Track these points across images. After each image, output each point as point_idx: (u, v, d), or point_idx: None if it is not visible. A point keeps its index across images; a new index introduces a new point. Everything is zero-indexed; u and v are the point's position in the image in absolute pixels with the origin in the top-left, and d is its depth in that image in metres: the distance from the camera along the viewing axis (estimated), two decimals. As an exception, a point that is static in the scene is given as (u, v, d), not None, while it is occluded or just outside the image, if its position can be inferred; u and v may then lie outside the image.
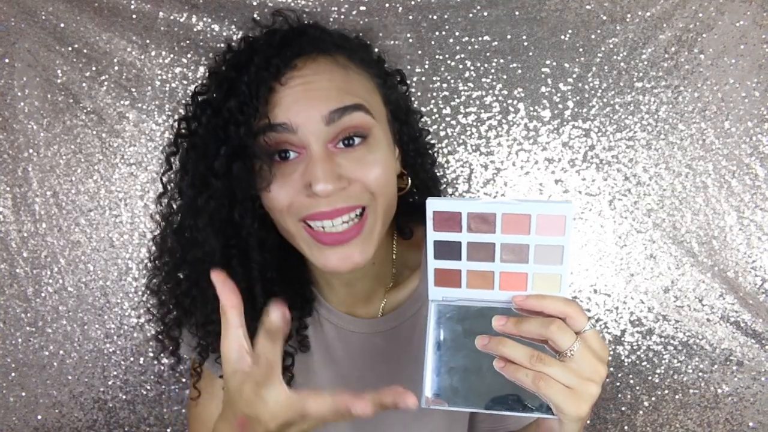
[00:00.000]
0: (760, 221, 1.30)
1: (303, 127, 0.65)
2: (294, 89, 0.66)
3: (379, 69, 0.78)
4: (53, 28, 1.29)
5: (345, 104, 0.66)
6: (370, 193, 0.68)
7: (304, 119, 0.65)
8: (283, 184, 0.67)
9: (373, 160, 0.68)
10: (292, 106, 0.65)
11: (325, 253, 0.68)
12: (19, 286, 1.33)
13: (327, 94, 0.66)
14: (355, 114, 0.66)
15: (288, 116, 0.65)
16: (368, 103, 0.69)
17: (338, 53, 0.72)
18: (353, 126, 0.66)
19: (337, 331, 0.84)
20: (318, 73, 0.68)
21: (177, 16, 1.29)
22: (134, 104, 1.31)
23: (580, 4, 1.29)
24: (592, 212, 1.33)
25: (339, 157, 0.67)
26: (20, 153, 1.31)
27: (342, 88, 0.67)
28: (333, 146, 0.67)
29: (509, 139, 1.32)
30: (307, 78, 0.67)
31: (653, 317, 1.33)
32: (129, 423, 1.36)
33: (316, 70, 0.68)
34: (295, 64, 0.68)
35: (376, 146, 0.69)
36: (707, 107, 1.29)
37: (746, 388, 1.32)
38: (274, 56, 0.68)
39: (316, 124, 0.65)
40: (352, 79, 0.70)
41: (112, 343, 1.35)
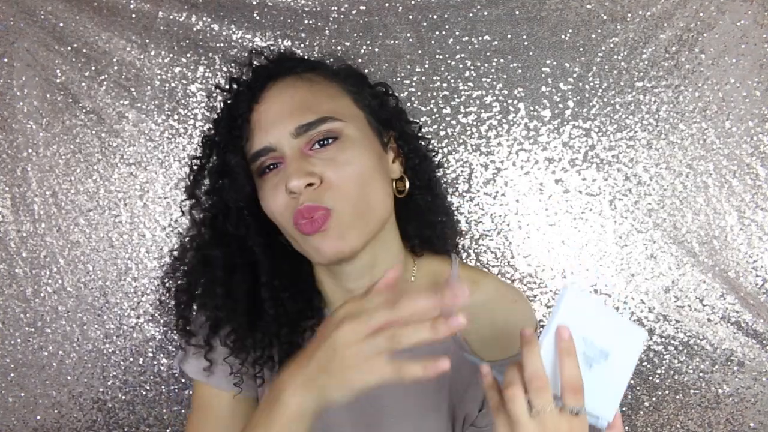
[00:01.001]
0: (761, 221, 1.30)
1: (278, 144, 0.75)
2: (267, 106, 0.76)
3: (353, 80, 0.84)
4: (52, 27, 1.29)
5: (308, 120, 0.74)
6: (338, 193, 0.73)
7: (278, 138, 0.74)
8: (273, 193, 0.75)
9: (344, 160, 0.74)
10: (267, 128, 0.75)
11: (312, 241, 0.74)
12: (18, 286, 1.33)
13: (291, 110, 0.74)
14: (320, 127, 0.74)
15: (267, 140, 0.75)
16: (333, 110, 0.76)
17: (305, 71, 0.81)
18: (320, 134, 0.75)
19: None
20: (284, 90, 0.77)
21: (176, 16, 1.29)
22: (134, 104, 1.31)
23: (580, 4, 1.28)
24: (593, 212, 1.33)
25: (313, 158, 0.74)
26: (19, 153, 1.31)
27: (305, 102, 0.75)
28: (308, 149, 0.75)
29: (509, 138, 1.32)
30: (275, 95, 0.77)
31: (654, 317, 1.33)
32: (128, 423, 1.36)
33: (282, 87, 0.78)
34: (267, 86, 0.78)
35: (349, 145, 0.75)
36: (708, 107, 1.29)
37: (747, 388, 1.32)
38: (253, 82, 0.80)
39: (287, 139, 0.74)
40: (314, 91, 0.78)
41: (112, 344, 1.35)
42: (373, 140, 0.80)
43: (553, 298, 1.35)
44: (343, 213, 0.73)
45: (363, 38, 1.30)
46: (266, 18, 1.29)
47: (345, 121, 0.76)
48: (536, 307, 1.35)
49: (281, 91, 0.77)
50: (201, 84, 1.31)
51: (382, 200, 0.78)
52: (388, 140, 0.85)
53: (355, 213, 0.74)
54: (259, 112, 0.76)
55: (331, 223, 0.73)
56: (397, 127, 0.86)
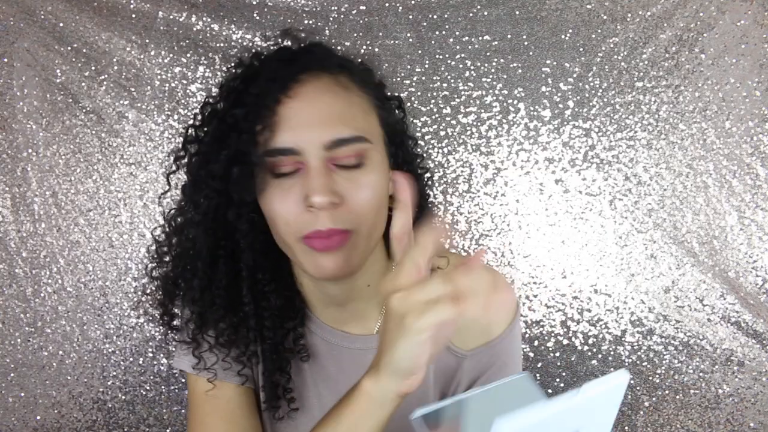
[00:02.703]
0: (761, 221, 1.30)
1: (306, 151, 0.69)
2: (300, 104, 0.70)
3: (378, 92, 0.80)
4: (52, 27, 1.29)
5: (344, 136, 0.69)
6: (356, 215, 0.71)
7: (307, 144, 0.69)
8: (283, 197, 0.70)
9: (366, 183, 0.71)
10: (297, 129, 0.69)
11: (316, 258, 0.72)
12: (18, 287, 1.33)
13: (328, 119, 0.70)
14: (353, 145, 0.70)
15: (294, 141, 0.69)
16: (365, 129, 0.73)
17: (341, 73, 0.75)
18: (351, 154, 0.71)
19: (329, 346, 0.85)
20: (321, 93, 0.71)
21: (176, 16, 1.29)
22: (133, 104, 1.31)
23: (580, 4, 1.28)
24: (593, 212, 1.33)
25: (336, 175, 0.70)
26: (19, 153, 1.31)
27: (343, 115, 0.71)
28: (332, 163, 0.70)
29: (509, 138, 1.32)
30: (311, 96, 0.71)
31: (654, 317, 1.33)
32: (128, 423, 1.36)
33: (319, 87, 0.72)
34: (300, 78, 0.71)
35: (371, 169, 0.72)
36: (708, 107, 1.29)
37: (747, 388, 1.32)
38: (281, 69, 0.72)
39: (317, 149, 0.69)
40: (352, 103, 0.73)
41: (112, 344, 1.35)
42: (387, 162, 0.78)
43: (553, 297, 1.35)
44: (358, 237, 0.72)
45: (363, 38, 1.30)
46: (266, 18, 1.29)
47: (372, 143, 0.73)
48: (536, 307, 1.35)
49: (319, 93, 0.71)
50: (201, 84, 1.31)
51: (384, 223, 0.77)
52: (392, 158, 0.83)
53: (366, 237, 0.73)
54: (291, 108, 0.69)
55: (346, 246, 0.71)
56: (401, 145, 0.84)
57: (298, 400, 0.85)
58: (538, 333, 1.35)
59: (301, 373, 0.86)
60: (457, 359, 0.83)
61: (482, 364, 0.83)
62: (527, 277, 1.34)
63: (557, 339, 1.35)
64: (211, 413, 0.85)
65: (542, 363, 1.35)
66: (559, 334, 1.35)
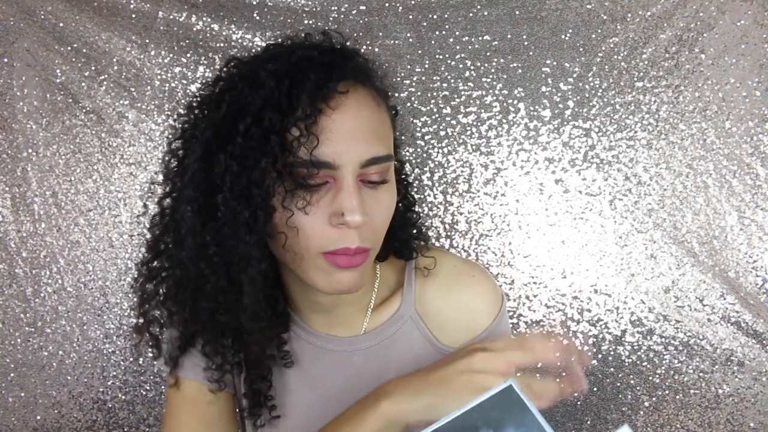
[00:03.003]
0: (761, 221, 1.30)
1: (343, 166, 0.66)
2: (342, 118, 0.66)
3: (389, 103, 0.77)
4: (52, 27, 1.29)
5: (380, 155, 0.68)
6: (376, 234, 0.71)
7: (346, 160, 0.66)
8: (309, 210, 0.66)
9: (386, 202, 0.71)
10: (337, 144, 0.65)
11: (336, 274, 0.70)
12: (18, 286, 1.33)
13: (367, 136, 0.67)
14: (383, 164, 0.69)
15: (334, 155, 0.65)
16: (391, 146, 0.72)
17: (372, 86, 0.73)
18: (381, 172, 0.70)
19: (314, 350, 0.84)
20: (361, 107, 0.69)
21: (176, 16, 1.29)
22: (133, 104, 1.31)
23: (580, 4, 1.28)
24: (593, 212, 1.33)
25: (364, 192, 0.68)
26: (19, 153, 1.31)
27: (378, 132, 0.69)
28: (360, 181, 0.68)
29: (509, 138, 1.32)
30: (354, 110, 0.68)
31: (654, 317, 1.33)
32: (128, 423, 1.36)
33: (359, 101, 0.69)
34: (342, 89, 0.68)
35: (390, 187, 0.72)
36: (708, 107, 1.29)
37: (747, 388, 1.32)
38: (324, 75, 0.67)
39: (354, 166, 0.66)
40: (383, 119, 0.72)
41: (112, 344, 1.35)
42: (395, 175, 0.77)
43: (553, 297, 1.35)
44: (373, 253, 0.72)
45: (363, 38, 1.30)
46: (266, 18, 1.29)
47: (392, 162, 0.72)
48: (536, 307, 1.35)
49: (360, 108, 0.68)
50: (201, 84, 1.31)
51: None
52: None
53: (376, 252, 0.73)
54: (333, 120, 0.65)
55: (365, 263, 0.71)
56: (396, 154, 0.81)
57: (281, 407, 0.84)
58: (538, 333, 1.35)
59: (285, 378, 0.85)
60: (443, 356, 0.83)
61: None
62: (527, 277, 1.34)
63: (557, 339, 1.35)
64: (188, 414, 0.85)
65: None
66: (559, 334, 1.35)
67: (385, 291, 0.86)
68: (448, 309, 0.84)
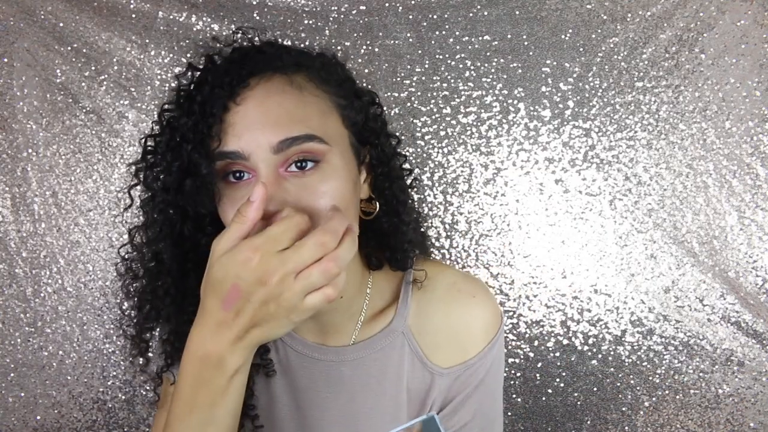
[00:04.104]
0: (761, 221, 1.30)
1: (254, 155, 0.64)
2: (247, 109, 0.66)
3: (344, 89, 0.75)
4: (52, 27, 1.29)
5: (294, 135, 0.64)
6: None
7: (254, 147, 0.64)
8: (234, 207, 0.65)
9: (324, 190, 0.66)
10: (243, 133, 0.65)
11: None
12: (18, 286, 1.33)
13: (276, 121, 0.65)
14: (304, 144, 0.65)
15: (239, 144, 0.65)
16: (321, 129, 0.67)
17: (295, 73, 0.70)
18: (303, 152, 0.66)
19: (300, 358, 0.83)
20: (270, 95, 0.67)
21: (176, 16, 1.29)
22: (133, 104, 1.31)
23: (580, 4, 1.28)
24: (593, 212, 1.33)
25: (288, 182, 0.65)
26: (19, 153, 1.31)
27: (293, 114, 0.66)
28: (284, 170, 0.66)
29: (509, 138, 1.32)
30: (259, 99, 0.66)
31: (654, 317, 1.33)
32: (128, 423, 1.36)
33: (269, 90, 0.67)
34: (248, 83, 0.67)
35: (329, 173, 0.67)
36: (708, 107, 1.29)
37: (747, 388, 1.32)
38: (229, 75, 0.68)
39: (264, 152, 0.64)
40: (305, 102, 0.68)
41: (112, 344, 1.35)
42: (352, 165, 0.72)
43: (553, 297, 1.35)
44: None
45: (363, 38, 1.30)
46: (266, 18, 1.29)
47: (330, 145, 0.67)
48: (536, 307, 1.35)
49: (267, 95, 0.66)
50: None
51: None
52: (364, 158, 0.77)
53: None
54: (237, 114, 0.65)
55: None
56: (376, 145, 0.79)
57: (266, 417, 0.83)
58: (538, 333, 1.35)
59: (269, 387, 0.84)
60: (432, 376, 0.80)
61: (459, 383, 0.81)
62: (527, 277, 1.34)
63: (557, 339, 1.35)
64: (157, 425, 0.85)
65: (542, 363, 1.35)
66: (559, 334, 1.35)
67: (378, 302, 0.84)
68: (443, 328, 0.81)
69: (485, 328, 0.81)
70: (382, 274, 0.85)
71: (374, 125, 0.78)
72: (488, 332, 0.81)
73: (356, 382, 0.81)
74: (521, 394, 1.37)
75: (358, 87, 0.78)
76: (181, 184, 0.68)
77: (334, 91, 0.72)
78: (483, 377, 0.81)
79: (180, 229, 0.71)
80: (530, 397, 1.37)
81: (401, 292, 0.83)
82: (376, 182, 0.79)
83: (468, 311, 0.81)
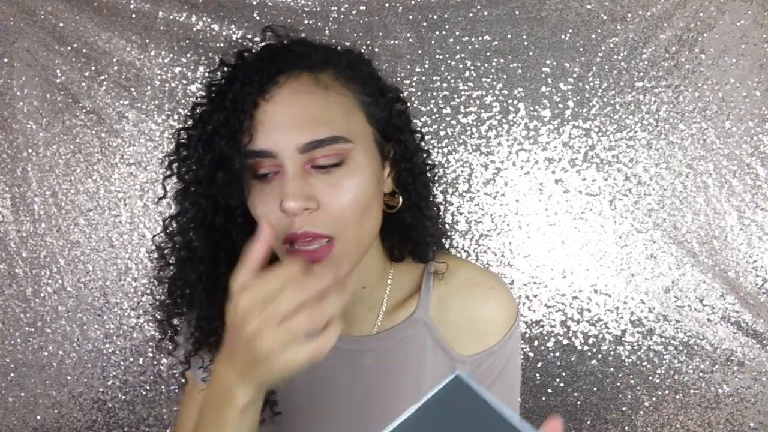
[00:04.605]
0: (761, 221, 1.30)
1: (281, 153, 0.68)
2: (276, 107, 0.69)
3: (369, 87, 0.77)
4: (52, 27, 1.29)
5: (319, 137, 0.67)
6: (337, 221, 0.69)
7: (282, 147, 0.67)
8: (263, 201, 0.70)
9: (348, 187, 0.69)
10: (272, 132, 0.68)
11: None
12: (18, 286, 1.33)
13: (302, 122, 0.68)
14: (330, 146, 0.68)
15: (268, 144, 0.68)
16: (345, 129, 0.70)
17: (322, 71, 0.73)
18: (329, 155, 0.68)
19: None
20: (297, 94, 0.69)
21: (176, 16, 1.29)
22: (133, 104, 1.31)
23: (580, 4, 1.28)
24: (593, 212, 1.33)
25: (314, 178, 0.68)
26: (19, 153, 1.31)
27: (318, 116, 0.68)
28: (310, 167, 0.69)
29: (509, 138, 1.32)
30: (287, 98, 0.69)
31: (654, 317, 1.33)
32: (128, 423, 1.36)
33: (295, 89, 0.70)
34: (277, 80, 0.70)
35: (354, 170, 0.70)
36: (708, 107, 1.29)
37: (747, 388, 1.32)
38: (259, 72, 0.70)
39: (291, 152, 0.67)
40: (330, 102, 0.71)
41: (112, 344, 1.35)
42: (376, 161, 0.75)
43: (553, 297, 1.35)
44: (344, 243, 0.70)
45: (363, 38, 1.30)
46: (266, 18, 1.29)
47: (354, 143, 0.70)
48: (536, 307, 1.35)
49: (294, 95, 0.69)
50: (201, 84, 1.31)
51: (376, 225, 0.76)
52: (388, 153, 0.80)
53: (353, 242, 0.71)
54: (266, 112, 0.68)
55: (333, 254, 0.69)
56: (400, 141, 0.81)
57: (284, 404, 0.84)
58: (538, 333, 1.35)
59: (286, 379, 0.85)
60: (454, 365, 0.82)
61: (480, 372, 0.82)
62: (527, 277, 1.34)
63: (557, 339, 1.35)
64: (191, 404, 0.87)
65: (542, 363, 1.35)
66: (559, 334, 1.35)
67: (399, 293, 0.86)
68: (464, 319, 0.83)
69: (504, 318, 0.83)
70: (403, 266, 0.87)
71: (398, 122, 0.80)
72: (507, 321, 0.83)
73: (378, 371, 0.82)
74: (521, 394, 1.37)
75: (383, 84, 0.80)
76: (212, 176, 0.71)
77: (359, 89, 0.74)
78: (503, 367, 0.83)
79: (212, 219, 0.74)
80: (530, 397, 1.37)
81: (422, 284, 0.85)
82: (400, 177, 0.82)
83: (487, 302, 0.84)
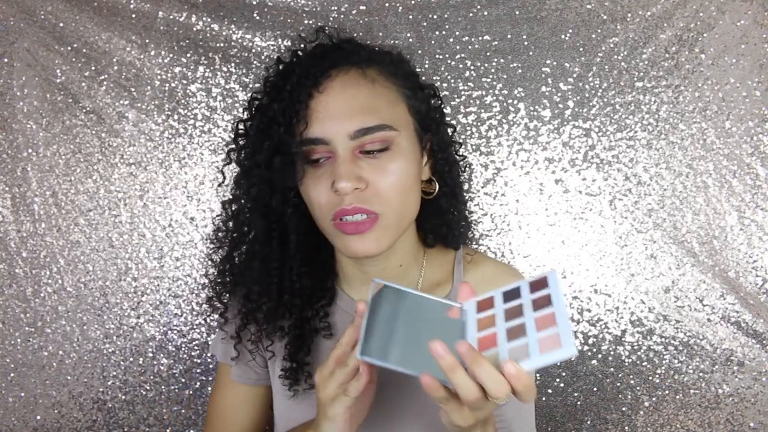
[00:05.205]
0: (761, 221, 1.30)
1: (334, 140, 0.77)
2: (328, 98, 0.77)
3: (410, 82, 0.86)
4: (52, 27, 1.29)
5: (368, 125, 0.76)
6: (383, 199, 0.78)
7: (334, 134, 0.76)
8: (316, 184, 0.79)
9: (392, 169, 0.78)
10: (325, 121, 0.77)
11: (347, 240, 0.79)
12: (18, 286, 1.33)
13: (352, 111, 0.76)
14: (377, 133, 0.77)
15: (323, 131, 0.77)
16: (391, 117, 0.79)
17: (369, 67, 0.82)
18: (376, 141, 0.77)
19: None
20: (347, 86, 0.78)
21: (176, 16, 1.29)
22: (133, 104, 1.31)
23: (580, 4, 1.28)
24: (593, 212, 1.33)
25: (362, 162, 0.77)
26: (19, 153, 1.31)
27: (366, 106, 0.77)
28: (359, 152, 0.78)
29: (509, 138, 1.32)
30: (338, 90, 0.78)
31: (654, 317, 1.33)
32: (128, 423, 1.36)
33: (345, 82, 0.79)
34: (329, 74, 0.79)
35: (398, 155, 0.78)
36: (708, 107, 1.29)
37: (747, 388, 1.32)
38: (313, 67, 0.79)
39: (343, 139, 0.76)
40: (377, 93, 0.79)
41: (112, 344, 1.35)
42: (417, 148, 0.83)
43: (553, 298, 1.35)
44: (387, 219, 0.78)
45: (363, 38, 1.29)
46: (266, 18, 1.29)
47: (399, 131, 0.79)
48: (536, 307, 1.35)
49: (345, 87, 0.78)
50: (201, 84, 1.31)
51: (415, 206, 0.84)
52: (426, 144, 0.88)
53: (396, 219, 0.79)
54: (320, 102, 0.77)
55: (375, 228, 0.78)
56: (436, 132, 0.89)
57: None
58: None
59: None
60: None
61: None
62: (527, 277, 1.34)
63: (557, 339, 1.35)
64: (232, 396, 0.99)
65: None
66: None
67: (432, 276, 0.94)
68: None
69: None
70: (435, 252, 0.96)
71: (434, 115, 0.90)
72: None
73: None
74: (521, 394, 1.37)
75: (422, 81, 0.90)
76: (270, 161, 0.80)
77: (401, 83, 0.84)
78: None
79: (268, 200, 0.83)
80: (530, 397, 1.37)
81: (454, 270, 0.94)
82: (436, 166, 0.91)
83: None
